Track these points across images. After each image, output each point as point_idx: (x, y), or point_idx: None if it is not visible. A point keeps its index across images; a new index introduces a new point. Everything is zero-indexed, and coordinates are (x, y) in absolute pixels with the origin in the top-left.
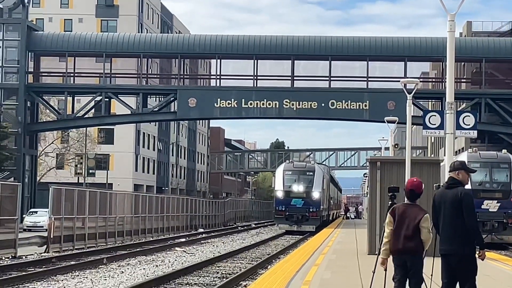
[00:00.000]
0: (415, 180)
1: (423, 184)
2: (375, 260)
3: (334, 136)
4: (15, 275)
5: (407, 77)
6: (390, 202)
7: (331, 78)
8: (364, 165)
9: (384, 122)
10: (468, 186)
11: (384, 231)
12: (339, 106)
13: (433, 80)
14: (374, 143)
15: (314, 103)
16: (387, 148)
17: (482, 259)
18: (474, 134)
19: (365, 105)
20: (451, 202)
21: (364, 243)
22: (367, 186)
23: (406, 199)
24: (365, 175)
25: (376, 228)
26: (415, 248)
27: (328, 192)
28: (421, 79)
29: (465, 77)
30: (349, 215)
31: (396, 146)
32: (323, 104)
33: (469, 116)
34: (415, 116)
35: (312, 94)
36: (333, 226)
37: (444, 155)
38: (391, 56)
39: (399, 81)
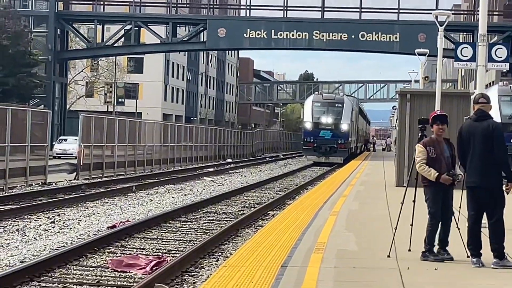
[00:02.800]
0: (437, 111)
1: (447, 116)
2: (403, 192)
3: (363, 68)
4: (45, 201)
5: (439, 9)
6: (420, 134)
7: (362, 10)
8: (393, 97)
9: (414, 54)
10: (498, 119)
11: None
12: (369, 38)
13: (465, 12)
14: (404, 75)
15: (344, 35)
16: (417, 81)
17: (508, 193)
18: (506, 66)
19: (396, 37)
20: (483, 134)
21: (392, 175)
22: (396, 119)
23: None
24: (394, 107)
25: (405, 160)
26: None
27: (356, 124)
28: (453, 11)
29: (497, 10)
30: (369, 147)
31: (426, 78)
32: (353, 36)
33: (501, 48)
34: (446, 49)
35: (342, 25)
36: (361, 158)
37: (475, 88)
38: None
39: (430, 13)
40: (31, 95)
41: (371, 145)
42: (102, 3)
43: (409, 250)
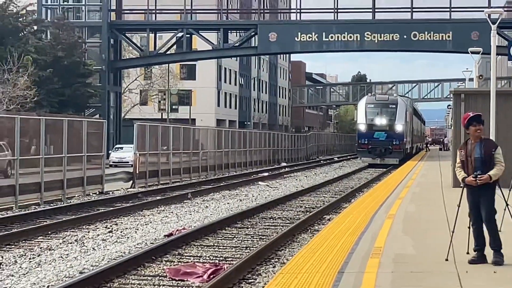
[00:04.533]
0: (470, 113)
1: (481, 115)
2: (460, 193)
3: (417, 68)
4: (102, 210)
5: (491, 7)
6: None
7: (413, 9)
8: (448, 96)
9: (468, 53)
10: None
11: None
12: (421, 38)
13: None
14: (457, 74)
15: (396, 35)
16: (471, 79)
17: None
18: None
19: (448, 36)
20: None
21: (448, 175)
22: (451, 118)
23: None
24: (449, 106)
25: None
26: None
27: (411, 124)
28: (506, 9)
29: None
30: (420, 147)
31: (481, 77)
32: (405, 36)
33: None
34: (500, 46)
35: (394, 25)
36: (417, 159)
37: None
38: None
39: (483, 10)
40: (87, 105)
41: (424, 145)
42: (154, 12)
43: (467, 253)
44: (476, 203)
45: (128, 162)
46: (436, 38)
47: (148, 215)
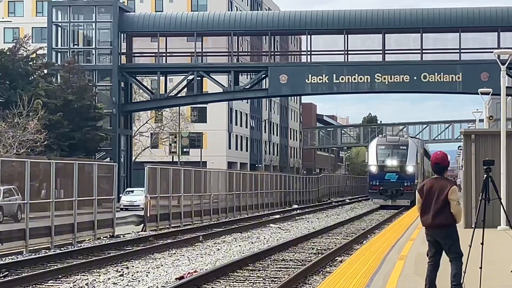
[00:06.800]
0: (438, 153)
1: (448, 156)
2: (471, 234)
3: (427, 109)
4: (113, 254)
5: (501, 48)
6: (485, 176)
7: (423, 51)
8: (459, 137)
9: (477, 93)
10: None
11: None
12: (431, 79)
13: None
14: (468, 115)
15: (406, 77)
16: (481, 120)
17: None
18: None
19: (458, 77)
20: None
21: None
22: (462, 159)
23: (433, 173)
24: (459, 147)
25: (472, 201)
26: (445, 222)
27: (422, 165)
28: None
29: None
30: None
31: (491, 118)
32: (415, 77)
33: None
34: (509, 87)
35: (404, 67)
36: None
37: None
38: (483, 26)
39: (492, 51)
40: (97, 148)
41: None
42: (164, 55)
43: None
44: None
45: (139, 206)
46: (446, 79)
47: (159, 258)
